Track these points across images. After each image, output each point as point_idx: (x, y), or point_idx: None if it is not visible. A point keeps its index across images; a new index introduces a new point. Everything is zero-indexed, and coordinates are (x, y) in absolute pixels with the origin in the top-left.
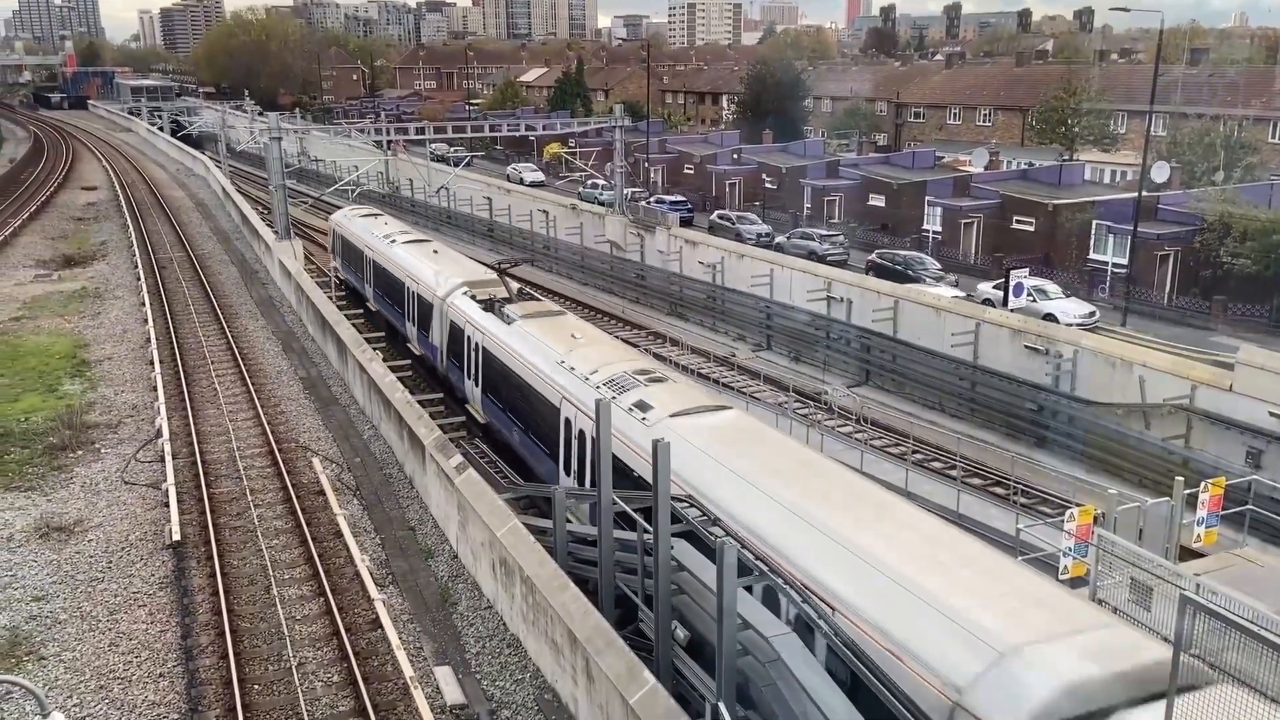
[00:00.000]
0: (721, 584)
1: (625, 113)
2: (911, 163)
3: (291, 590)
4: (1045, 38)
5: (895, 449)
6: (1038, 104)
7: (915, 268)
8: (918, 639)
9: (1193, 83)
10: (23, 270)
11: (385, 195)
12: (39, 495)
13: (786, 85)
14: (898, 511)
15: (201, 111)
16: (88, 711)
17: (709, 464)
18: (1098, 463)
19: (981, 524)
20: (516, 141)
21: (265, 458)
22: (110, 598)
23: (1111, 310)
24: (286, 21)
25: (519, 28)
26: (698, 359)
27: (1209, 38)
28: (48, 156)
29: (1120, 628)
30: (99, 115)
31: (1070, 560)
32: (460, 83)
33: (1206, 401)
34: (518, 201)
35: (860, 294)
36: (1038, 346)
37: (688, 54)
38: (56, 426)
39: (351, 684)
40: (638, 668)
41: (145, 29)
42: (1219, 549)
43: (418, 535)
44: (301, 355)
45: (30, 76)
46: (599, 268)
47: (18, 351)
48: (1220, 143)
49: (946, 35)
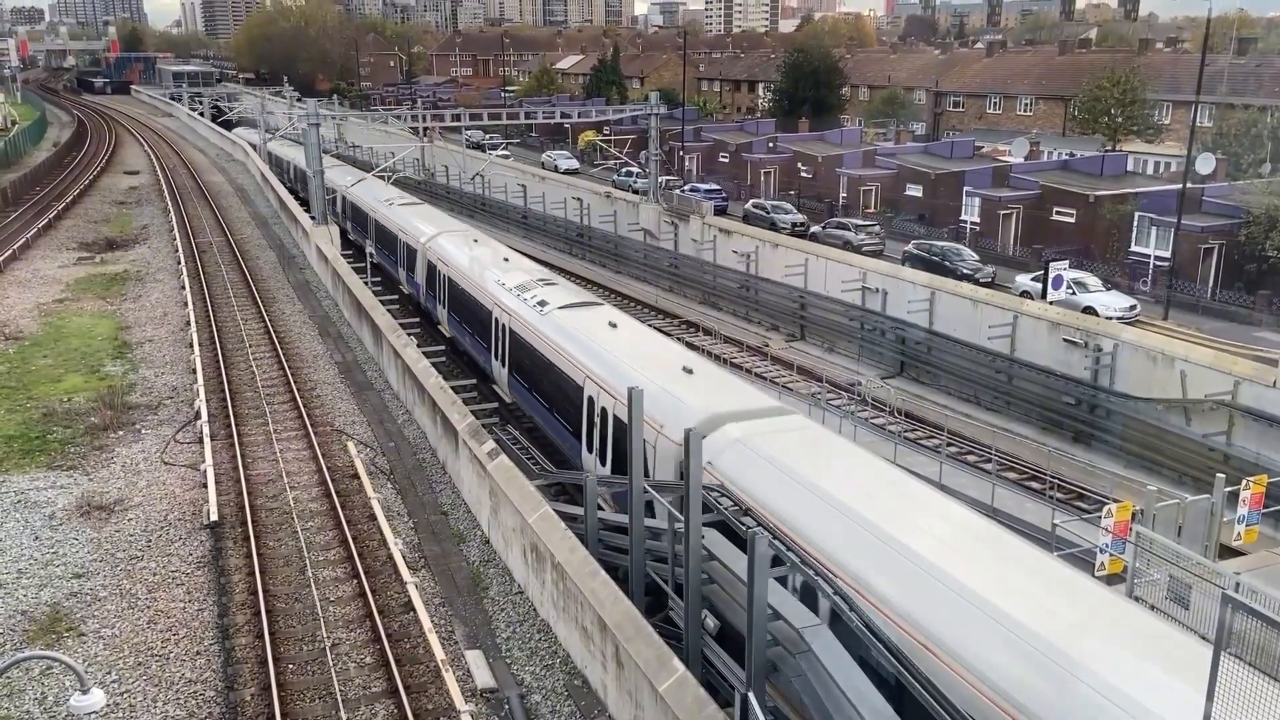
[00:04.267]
0: (753, 574)
1: (660, 100)
2: (950, 152)
3: (326, 572)
4: (1088, 25)
5: (929, 441)
6: (1080, 93)
7: (953, 259)
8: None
9: (1239, 72)
10: (66, 253)
11: (420, 182)
12: (80, 474)
13: (823, 73)
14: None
15: (241, 97)
16: (126, 688)
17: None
18: (1136, 458)
19: (1017, 519)
20: (551, 129)
21: (301, 440)
22: (149, 576)
23: (1153, 304)
24: (325, 7)
25: (555, 14)
26: (731, 348)
27: (1257, 26)
28: (91, 140)
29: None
30: (141, 100)
31: (1107, 556)
32: (496, 69)
33: (1249, 397)
34: (552, 189)
35: (896, 285)
36: (1077, 340)
37: (724, 41)
38: (98, 407)
39: (384, 665)
40: (667, 655)
41: (186, 15)
42: (1260, 547)
43: (450, 520)
44: (337, 340)
45: (74, 61)
46: (633, 256)
47: (61, 333)
48: (1267, 134)
49: (987, 22)
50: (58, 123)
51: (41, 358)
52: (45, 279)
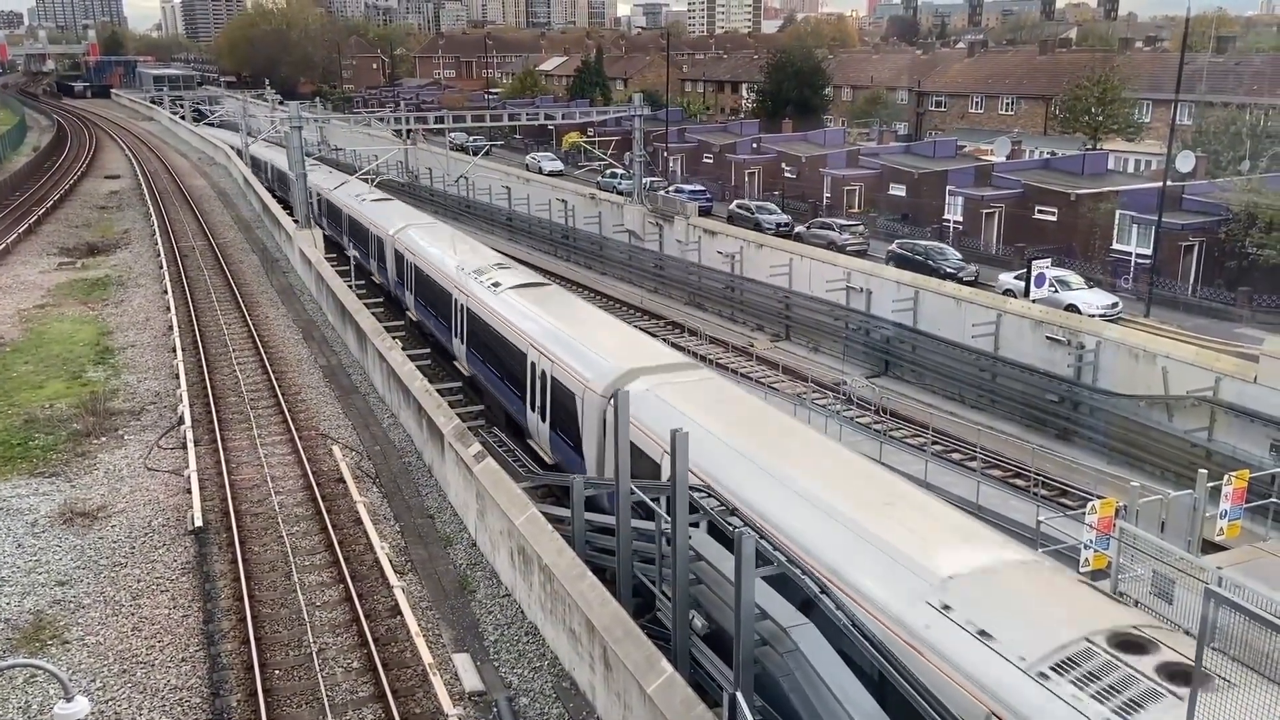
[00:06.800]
0: (740, 575)
1: (644, 102)
2: (933, 152)
3: (312, 577)
4: (1069, 25)
5: (914, 440)
6: (1061, 92)
7: (936, 258)
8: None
9: (1218, 71)
10: (47, 258)
11: (404, 184)
12: (63, 481)
13: (807, 74)
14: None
15: (223, 100)
16: (111, 695)
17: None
18: (1120, 455)
19: (1002, 515)
20: (535, 130)
21: (286, 445)
22: (133, 583)
23: (1135, 301)
24: (307, 10)
25: (538, 16)
26: (716, 349)
27: (1235, 25)
28: (71, 145)
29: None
30: (121, 104)
31: (1091, 553)
32: (480, 71)
33: (1231, 393)
34: (536, 191)
35: (880, 284)
36: (1060, 338)
37: (707, 43)
38: (80, 413)
39: (371, 670)
40: (655, 657)
41: (167, 18)
42: (1242, 542)
43: (436, 523)
44: (321, 343)
45: (54, 65)
46: (617, 257)
47: (42, 338)
48: (1246, 132)
49: (969, 23)
50: (37, 127)
51: (23, 364)
52: (26, 284)
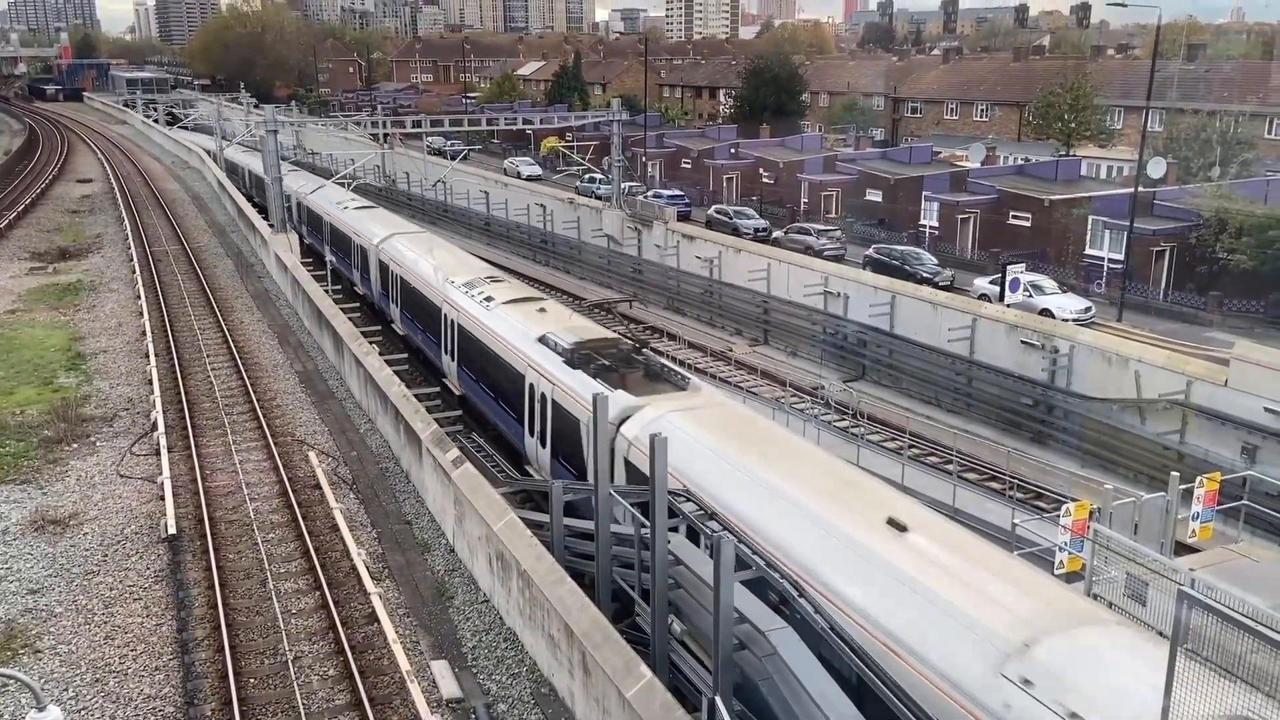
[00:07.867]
0: (719, 580)
1: (623, 107)
2: (909, 158)
3: (288, 584)
4: (1042, 33)
5: (891, 444)
6: (1035, 99)
7: (912, 263)
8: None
9: (1189, 78)
10: (18, 263)
11: (381, 189)
12: (34, 488)
13: (784, 80)
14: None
15: (197, 104)
16: (84, 705)
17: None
18: (1093, 458)
19: (978, 518)
20: (514, 135)
21: (261, 451)
22: (106, 591)
23: (1107, 305)
24: (282, 13)
25: (516, 20)
26: (695, 354)
27: (1206, 33)
28: (43, 149)
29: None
30: (94, 107)
31: (1066, 555)
32: (457, 75)
33: (1202, 396)
34: (515, 195)
35: (857, 289)
36: (1034, 342)
37: (685, 48)
38: (51, 419)
39: (348, 678)
40: (634, 662)
41: (141, 21)
42: (1214, 544)
43: (414, 529)
44: (298, 349)
45: (25, 68)
46: (596, 262)
47: (13, 344)
48: (1216, 138)
49: (944, 29)
50: (8, 131)
51: None
52: None
